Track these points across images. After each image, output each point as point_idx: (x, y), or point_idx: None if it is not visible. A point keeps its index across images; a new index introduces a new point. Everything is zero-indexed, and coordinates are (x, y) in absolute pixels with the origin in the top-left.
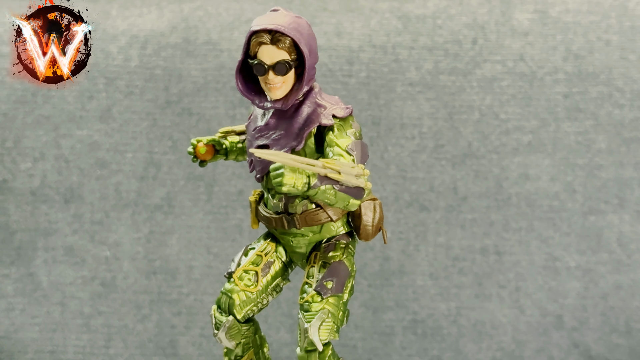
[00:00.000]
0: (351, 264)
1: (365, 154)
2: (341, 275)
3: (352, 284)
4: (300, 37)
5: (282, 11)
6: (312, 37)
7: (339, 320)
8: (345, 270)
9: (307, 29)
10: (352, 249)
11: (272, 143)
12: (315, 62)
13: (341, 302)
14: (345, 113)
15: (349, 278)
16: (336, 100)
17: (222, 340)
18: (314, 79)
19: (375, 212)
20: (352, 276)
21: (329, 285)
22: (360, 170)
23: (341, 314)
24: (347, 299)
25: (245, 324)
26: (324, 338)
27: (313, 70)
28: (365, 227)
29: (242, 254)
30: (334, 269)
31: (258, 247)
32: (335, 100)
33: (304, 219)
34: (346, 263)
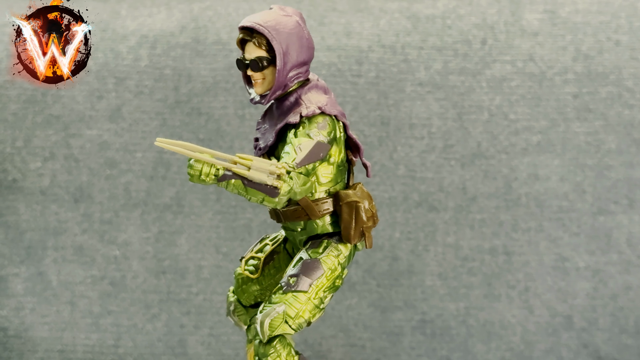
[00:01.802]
0: (333, 264)
1: (314, 155)
2: (311, 273)
3: (332, 285)
4: (277, 35)
5: (275, 9)
6: (295, 35)
7: (298, 317)
8: (318, 269)
9: (290, 27)
10: (339, 250)
11: (260, 137)
12: (298, 60)
13: (305, 299)
14: (310, 112)
15: (321, 277)
16: (318, 100)
17: (233, 320)
18: (302, 77)
19: (358, 214)
20: (330, 277)
21: (292, 281)
22: (275, 169)
23: (301, 312)
24: (316, 298)
25: (253, 308)
26: (271, 331)
27: (297, 68)
28: (345, 229)
29: (258, 241)
30: (305, 266)
31: (272, 236)
32: (316, 100)
33: (285, 214)
34: (323, 263)
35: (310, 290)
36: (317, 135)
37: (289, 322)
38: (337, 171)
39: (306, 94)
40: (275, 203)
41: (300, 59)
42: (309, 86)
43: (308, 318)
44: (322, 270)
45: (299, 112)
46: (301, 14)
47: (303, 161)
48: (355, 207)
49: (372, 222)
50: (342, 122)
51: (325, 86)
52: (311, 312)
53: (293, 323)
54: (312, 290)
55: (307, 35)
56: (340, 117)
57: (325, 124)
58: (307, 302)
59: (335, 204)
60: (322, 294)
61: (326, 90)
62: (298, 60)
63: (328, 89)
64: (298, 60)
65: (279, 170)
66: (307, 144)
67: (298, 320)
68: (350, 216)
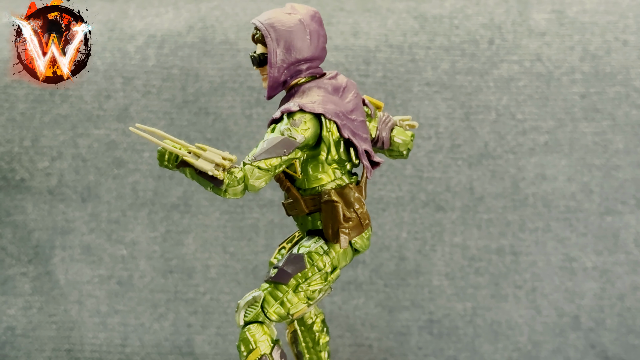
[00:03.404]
0: (318, 261)
1: (276, 150)
2: (292, 267)
3: (319, 282)
4: (272, 32)
5: (287, 7)
6: (294, 33)
7: (275, 307)
8: (300, 264)
9: (289, 25)
10: (329, 248)
11: None
12: (296, 57)
13: (284, 291)
14: (287, 109)
15: (304, 272)
16: (310, 98)
17: None
18: (304, 74)
19: (334, 214)
20: (315, 273)
21: (272, 272)
22: (222, 161)
23: (280, 302)
24: (298, 291)
25: None
26: (246, 317)
27: (296, 65)
28: (324, 228)
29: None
30: (288, 259)
31: None
32: (307, 98)
33: (285, 206)
34: (308, 258)
35: (290, 283)
36: (288, 132)
37: (266, 310)
38: (328, 169)
39: (303, 91)
40: (222, 193)
41: (299, 56)
42: (311, 84)
43: (287, 310)
44: (304, 265)
45: (282, 109)
46: (315, 13)
47: (261, 155)
48: (332, 206)
49: (351, 224)
50: (334, 121)
51: (337, 84)
52: (292, 304)
53: (269, 312)
54: (292, 283)
55: (311, 34)
56: (330, 116)
57: (300, 121)
58: (287, 294)
59: (320, 201)
60: (306, 289)
61: (336, 88)
62: (296, 57)
63: (341, 87)
64: (296, 57)
65: (225, 162)
66: (273, 139)
67: (276, 309)
68: (327, 215)
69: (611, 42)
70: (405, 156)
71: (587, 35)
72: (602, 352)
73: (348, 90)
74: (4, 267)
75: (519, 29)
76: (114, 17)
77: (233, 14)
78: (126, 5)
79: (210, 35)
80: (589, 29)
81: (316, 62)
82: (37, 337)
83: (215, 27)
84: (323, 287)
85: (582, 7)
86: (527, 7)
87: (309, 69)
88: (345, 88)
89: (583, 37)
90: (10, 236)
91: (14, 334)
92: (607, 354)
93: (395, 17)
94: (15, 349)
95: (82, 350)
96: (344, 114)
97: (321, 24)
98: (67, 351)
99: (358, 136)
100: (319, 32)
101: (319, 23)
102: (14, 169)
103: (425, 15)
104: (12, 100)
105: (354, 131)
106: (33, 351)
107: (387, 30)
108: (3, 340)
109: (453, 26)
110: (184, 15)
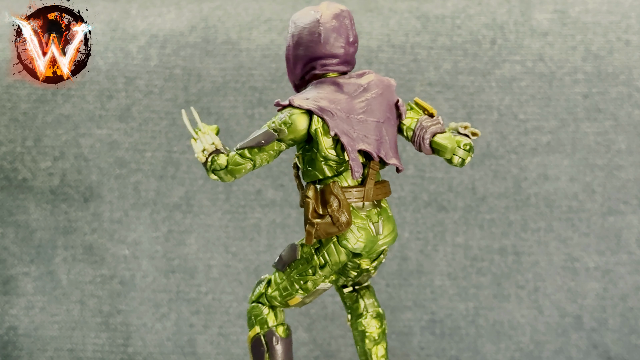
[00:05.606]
0: (308, 253)
1: (255, 141)
2: (287, 256)
3: (309, 274)
4: (291, 27)
5: (321, 4)
6: (307, 30)
7: (272, 292)
8: (292, 254)
9: (305, 22)
10: (321, 242)
11: None
12: (307, 55)
13: (282, 277)
14: (275, 103)
15: (296, 262)
16: (308, 93)
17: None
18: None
19: (305, 209)
20: (304, 265)
21: (277, 259)
22: (209, 146)
23: (276, 287)
24: (291, 280)
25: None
26: (252, 294)
27: (310, 62)
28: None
29: None
30: (287, 248)
31: None
32: (307, 93)
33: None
34: (300, 249)
35: (286, 272)
36: (271, 124)
37: (268, 292)
38: (320, 165)
39: (308, 87)
40: (215, 177)
41: (310, 54)
42: (323, 80)
43: (282, 296)
44: (294, 255)
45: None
46: (341, 12)
47: (244, 144)
48: (305, 201)
49: (320, 221)
50: (322, 118)
51: (355, 83)
52: (286, 292)
53: (269, 295)
54: (287, 272)
55: (325, 32)
56: (320, 113)
57: (284, 115)
58: (283, 281)
59: None
60: (298, 279)
61: (351, 87)
62: (307, 54)
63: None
64: (307, 54)
65: (209, 147)
66: (260, 130)
67: (273, 294)
68: (305, 210)
69: (614, 42)
70: (456, 164)
71: (590, 35)
72: (605, 352)
73: (368, 90)
74: (7, 267)
75: (522, 29)
76: (116, 17)
77: (235, 14)
78: (128, 5)
79: (212, 35)
80: (592, 29)
81: (333, 59)
82: (40, 336)
83: (218, 27)
84: (316, 281)
85: (584, 7)
86: (530, 7)
87: (324, 66)
88: (366, 88)
89: (585, 37)
90: (12, 236)
91: (16, 334)
92: (610, 354)
93: (398, 17)
94: (17, 348)
95: (85, 350)
96: (344, 112)
97: (344, 23)
98: (70, 351)
99: (351, 136)
100: (339, 31)
101: (343, 22)
102: (16, 169)
103: (428, 15)
104: (15, 100)
105: (347, 130)
106: (35, 351)
107: (389, 30)
108: (5, 340)
109: (455, 26)
110: (186, 15)
